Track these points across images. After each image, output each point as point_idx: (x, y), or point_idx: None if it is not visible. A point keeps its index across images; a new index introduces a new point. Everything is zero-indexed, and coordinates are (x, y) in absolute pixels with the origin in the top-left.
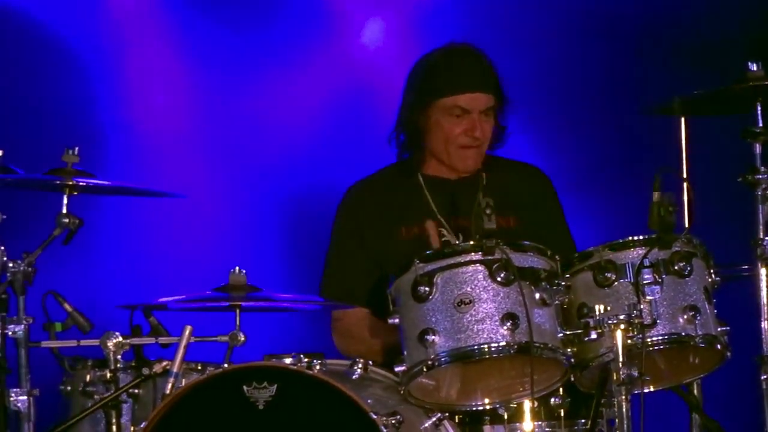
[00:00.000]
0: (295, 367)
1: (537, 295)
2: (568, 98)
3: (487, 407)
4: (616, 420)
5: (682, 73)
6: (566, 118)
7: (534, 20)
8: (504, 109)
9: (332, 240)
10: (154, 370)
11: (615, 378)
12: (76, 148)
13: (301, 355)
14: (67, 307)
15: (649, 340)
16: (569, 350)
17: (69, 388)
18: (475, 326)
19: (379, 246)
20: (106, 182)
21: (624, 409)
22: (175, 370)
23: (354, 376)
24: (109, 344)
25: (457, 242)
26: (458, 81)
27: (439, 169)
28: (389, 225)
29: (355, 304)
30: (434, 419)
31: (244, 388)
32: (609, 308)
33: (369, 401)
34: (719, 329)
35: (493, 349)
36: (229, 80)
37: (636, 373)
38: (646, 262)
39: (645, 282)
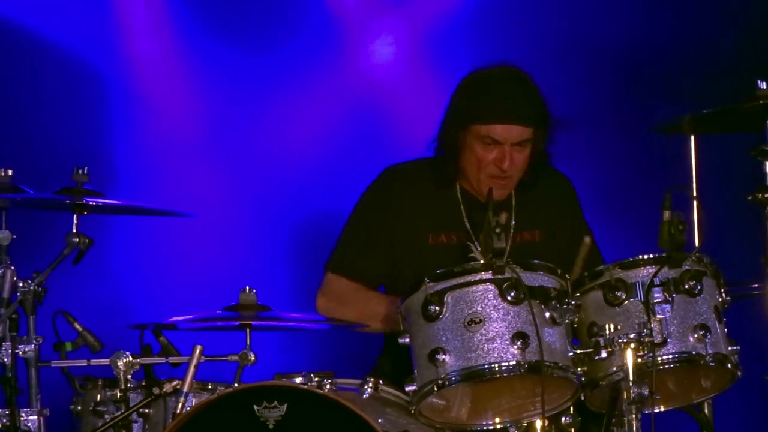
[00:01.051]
0: (306, 387)
1: (547, 314)
2: (578, 118)
3: (498, 426)
4: None
5: (692, 91)
6: (576, 138)
7: (544, 40)
8: (548, 136)
9: (354, 215)
10: (164, 389)
11: (625, 397)
12: (86, 168)
13: (312, 375)
14: (78, 326)
15: (659, 359)
16: (580, 369)
17: (79, 407)
18: (486, 345)
19: (402, 243)
20: (116, 201)
21: (634, 428)
22: (185, 389)
23: (364, 396)
24: (119, 364)
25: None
26: (494, 110)
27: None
28: (418, 227)
29: (362, 282)
30: None
31: (255, 407)
32: (619, 327)
33: (379, 420)
34: (730, 348)
35: (503, 368)
36: (240, 100)
37: (646, 392)
38: (657, 281)
39: (655, 301)
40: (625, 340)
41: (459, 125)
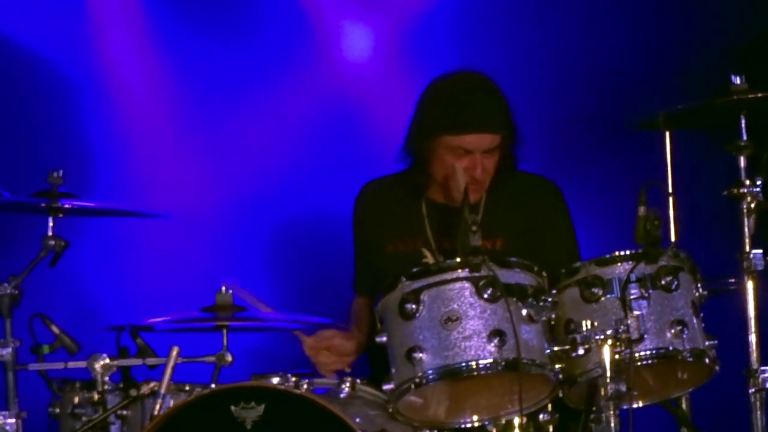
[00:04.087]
0: (283, 387)
1: (524, 312)
2: (554, 114)
3: (476, 424)
4: None
5: (667, 87)
6: (552, 134)
7: (521, 39)
8: (514, 141)
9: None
10: (141, 391)
11: (603, 393)
12: (61, 171)
13: (289, 375)
14: (55, 329)
15: (636, 355)
16: (557, 366)
17: (57, 410)
18: (463, 343)
19: (367, 255)
20: (91, 204)
21: (612, 425)
22: (162, 391)
23: (342, 395)
24: (96, 366)
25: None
26: (463, 121)
27: (442, 195)
28: (379, 238)
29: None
30: None
31: (232, 408)
32: (596, 324)
33: (357, 420)
34: (707, 343)
35: (480, 366)
36: (215, 100)
37: (624, 388)
38: (633, 277)
39: (632, 297)
40: (602, 337)
41: (427, 136)
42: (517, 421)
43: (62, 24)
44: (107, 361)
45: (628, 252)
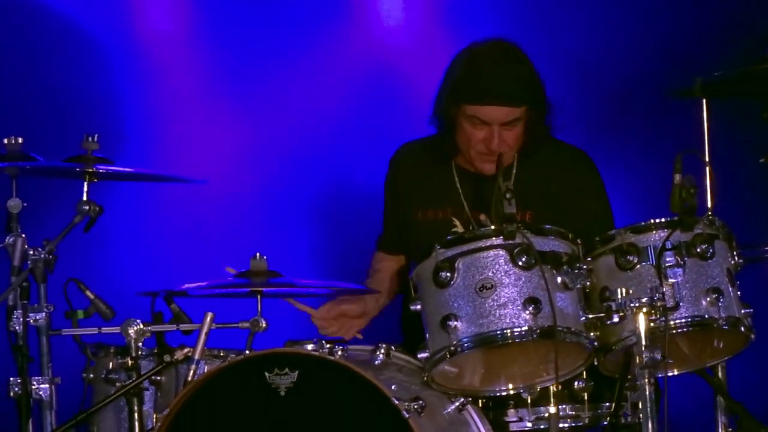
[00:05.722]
0: (317, 353)
1: (559, 279)
2: (591, 81)
3: (511, 392)
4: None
5: (704, 55)
6: (588, 101)
7: (558, 6)
8: (542, 112)
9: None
10: (175, 357)
11: (638, 361)
12: (96, 135)
13: (323, 341)
14: (89, 294)
15: (672, 323)
16: (592, 334)
17: (91, 375)
18: (498, 311)
19: (399, 218)
20: (126, 169)
21: (647, 392)
22: (196, 357)
23: (376, 362)
24: (130, 331)
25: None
26: (481, 91)
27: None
28: (410, 203)
29: (393, 253)
30: (457, 404)
31: (266, 374)
32: (631, 291)
33: (392, 387)
34: (743, 311)
35: (516, 333)
36: (250, 65)
37: (659, 356)
38: (668, 245)
39: (667, 264)
40: (637, 305)
41: (450, 103)
42: (552, 388)
43: None
44: (141, 326)
45: (663, 220)
